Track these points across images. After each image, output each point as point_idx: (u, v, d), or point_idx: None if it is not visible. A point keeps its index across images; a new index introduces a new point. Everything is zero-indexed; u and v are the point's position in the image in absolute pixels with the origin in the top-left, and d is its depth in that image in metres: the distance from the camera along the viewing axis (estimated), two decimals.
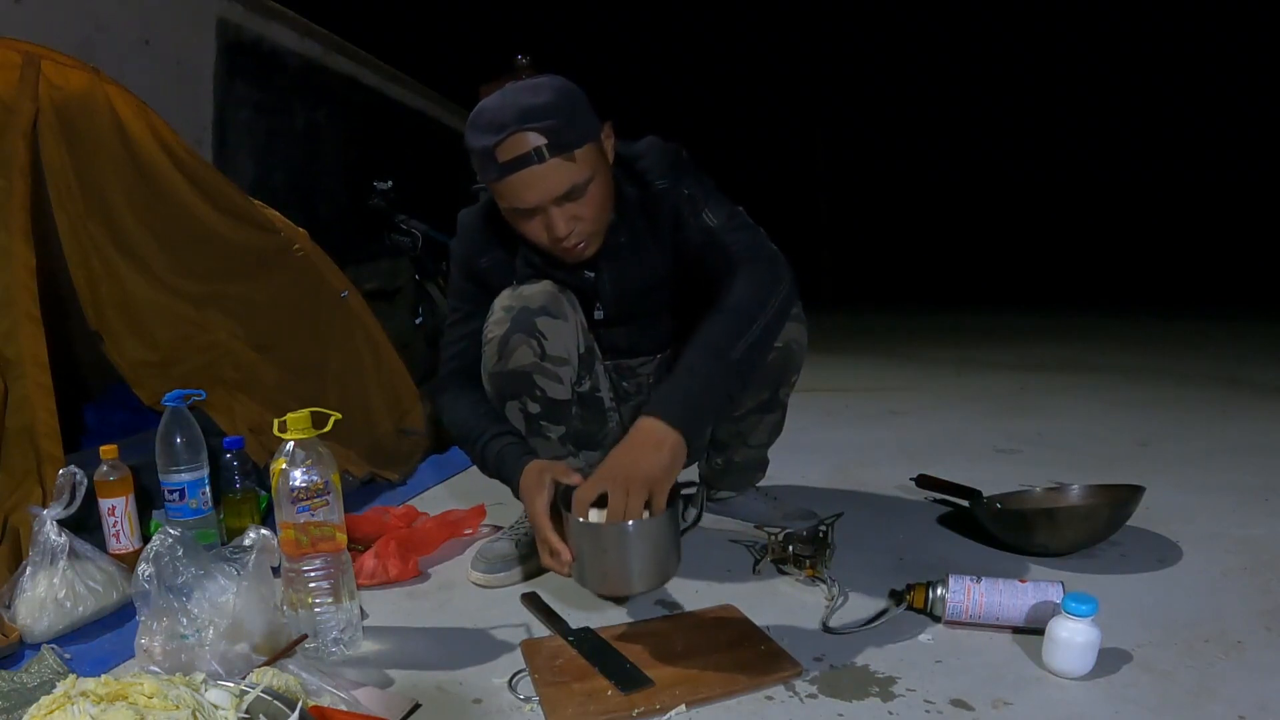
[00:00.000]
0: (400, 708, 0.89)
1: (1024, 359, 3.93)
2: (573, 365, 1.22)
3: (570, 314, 1.21)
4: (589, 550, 0.96)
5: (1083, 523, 1.28)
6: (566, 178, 1.03)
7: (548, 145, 1.00)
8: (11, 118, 1.28)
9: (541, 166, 1.01)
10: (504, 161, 1.01)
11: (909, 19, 10.42)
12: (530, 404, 1.21)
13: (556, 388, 1.20)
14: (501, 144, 1.00)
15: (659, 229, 1.19)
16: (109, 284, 1.45)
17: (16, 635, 1.06)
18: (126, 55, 2.98)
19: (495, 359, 1.18)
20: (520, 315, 1.16)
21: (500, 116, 1.00)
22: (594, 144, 1.06)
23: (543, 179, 1.02)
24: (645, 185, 1.17)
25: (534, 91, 1.02)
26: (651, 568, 0.95)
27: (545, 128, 1.00)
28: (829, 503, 1.53)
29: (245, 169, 3.70)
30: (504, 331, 1.16)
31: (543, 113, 1.00)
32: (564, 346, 1.19)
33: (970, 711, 0.86)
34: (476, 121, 1.03)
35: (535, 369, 1.18)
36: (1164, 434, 2.17)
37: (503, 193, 1.05)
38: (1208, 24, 8.86)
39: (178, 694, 0.64)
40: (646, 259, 1.21)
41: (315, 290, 1.89)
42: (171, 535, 0.92)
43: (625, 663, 0.96)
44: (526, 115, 1.00)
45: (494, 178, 1.03)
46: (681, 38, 11.39)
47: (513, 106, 1.00)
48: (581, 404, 1.29)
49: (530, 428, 1.23)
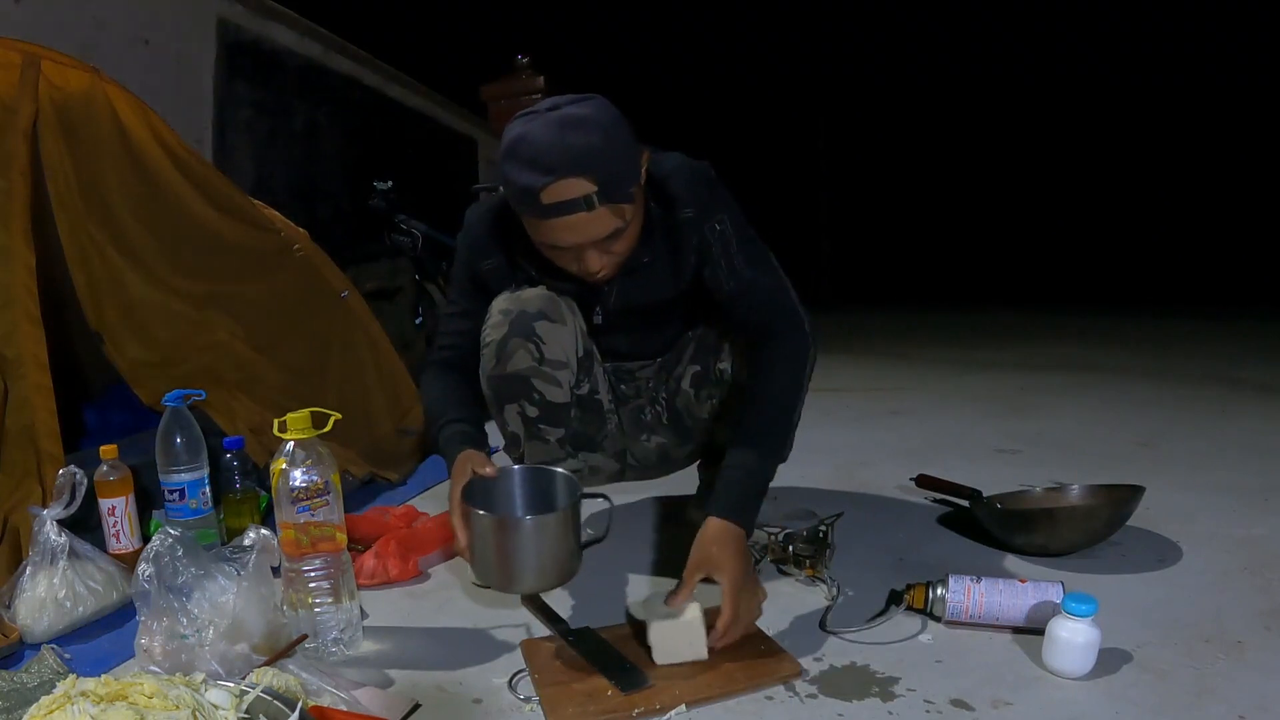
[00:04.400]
0: (400, 708, 0.89)
1: (1024, 359, 3.93)
2: (571, 369, 1.22)
3: (569, 318, 1.20)
4: (479, 542, 0.96)
5: (1083, 523, 1.28)
6: (609, 224, 1.01)
7: (598, 193, 0.96)
8: (11, 118, 1.27)
9: (589, 214, 0.98)
10: (548, 204, 0.97)
11: (915, 10, 10.41)
12: (529, 407, 1.20)
13: (555, 391, 1.20)
14: (549, 187, 0.95)
15: (678, 254, 1.17)
16: (109, 284, 1.45)
17: (16, 635, 1.06)
18: (126, 55, 2.98)
19: (493, 362, 1.18)
20: (519, 319, 1.15)
21: (548, 157, 0.95)
22: (637, 186, 1.03)
23: (588, 225, 0.99)
24: (671, 209, 1.14)
25: (584, 129, 0.96)
26: (541, 569, 0.95)
27: (597, 176, 0.96)
28: (829, 503, 1.53)
29: (245, 169, 3.70)
30: (502, 335, 1.16)
31: (597, 159, 0.95)
32: (562, 350, 1.19)
33: (970, 711, 0.86)
34: (519, 154, 0.97)
35: (533, 373, 1.17)
36: (1164, 434, 2.17)
37: (540, 230, 1.02)
38: (1206, 24, 8.86)
39: (178, 694, 0.64)
40: (658, 279, 1.19)
41: (315, 290, 1.89)
42: (171, 535, 0.92)
43: (625, 663, 0.96)
44: (578, 162, 0.95)
45: (533, 216, 1.00)
46: (681, 36, 11.39)
47: (562, 148, 0.95)
48: (580, 407, 1.28)
49: (529, 431, 1.23)
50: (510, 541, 0.95)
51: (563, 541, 0.96)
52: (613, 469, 1.40)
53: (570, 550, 0.97)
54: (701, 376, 1.30)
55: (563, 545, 0.96)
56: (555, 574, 0.97)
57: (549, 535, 0.95)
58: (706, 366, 1.29)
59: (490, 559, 0.96)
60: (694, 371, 1.30)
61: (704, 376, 1.29)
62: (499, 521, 0.96)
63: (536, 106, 1.01)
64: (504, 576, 0.97)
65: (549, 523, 0.95)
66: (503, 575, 0.96)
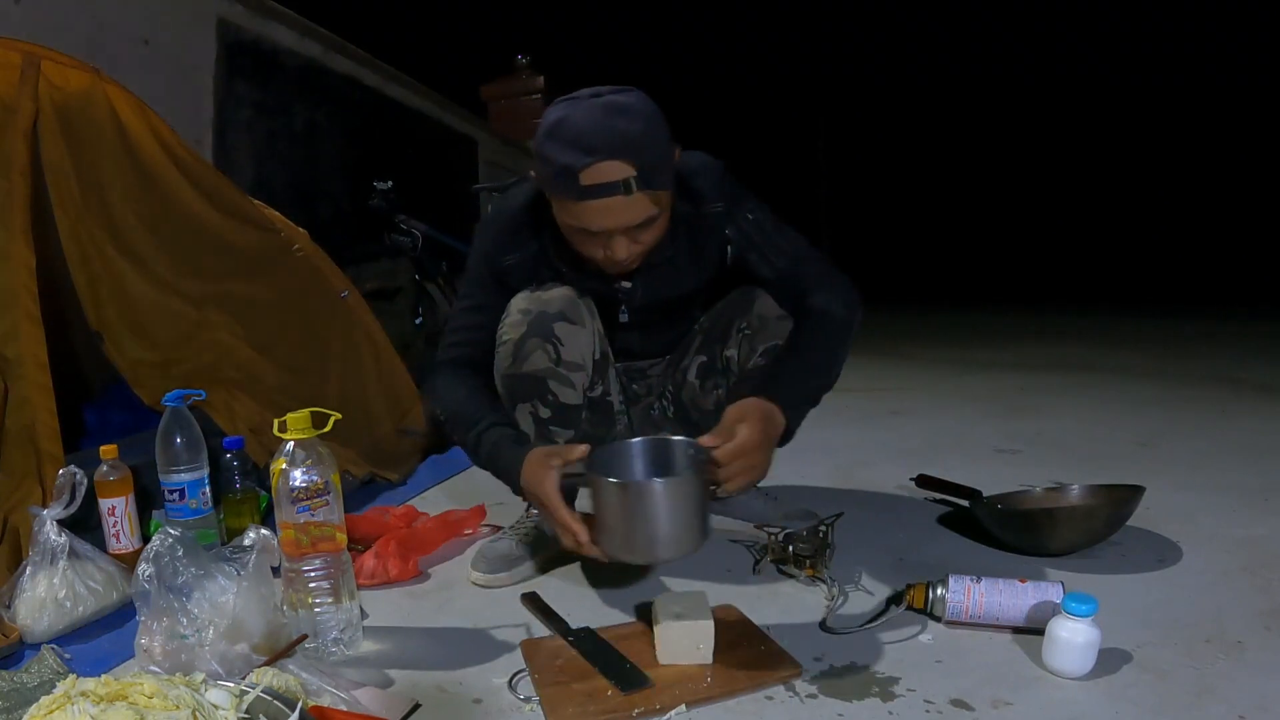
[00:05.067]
0: (400, 708, 0.88)
1: (1024, 359, 3.93)
2: (587, 371, 1.22)
3: (588, 320, 1.20)
4: (617, 513, 0.94)
5: (1083, 523, 1.28)
6: (644, 210, 1.02)
7: (637, 178, 0.98)
8: (11, 118, 1.28)
9: (627, 198, 0.99)
10: (588, 185, 0.98)
11: (915, 10, 10.41)
12: (541, 408, 1.20)
13: (569, 393, 1.20)
14: (590, 168, 0.97)
15: (702, 247, 1.19)
16: (109, 284, 1.45)
17: (16, 635, 1.06)
18: (126, 55, 2.98)
19: (510, 361, 1.17)
20: (538, 319, 1.15)
21: (591, 139, 0.97)
22: (670, 177, 1.05)
23: (624, 209, 1.01)
24: (697, 204, 1.18)
25: (628, 116, 0.99)
26: (681, 532, 0.94)
27: (638, 161, 0.98)
28: (829, 503, 1.53)
29: (245, 169, 3.70)
30: (520, 335, 1.16)
31: (638, 144, 0.98)
32: (580, 353, 1.19)
33: (970, 711, 0.86)
34: (560, 134, 0.99)
35: (550, 374, 1.17)
36: (1164, 434, 2.17)
37: (575, 212, 1.03)
38: (1206, 24, 8.86)
39: (178, 694, 0.64)
40: (683, 274, 1.21)
41: (315, 290, 1.89)
42: (171, 535, 0.92)
43: (625, 663, 0.96)
44: (622, 144, 0.97)
45: (569, 197, 1.01)
46: (681, 36, 11.39)
47: (606, 130, 0.97)
48: (591, 409, 1.28)
49: (539, 431, 1.23)
50: (648, 507, 0.93)
51: (698, 505, 0.95)
52: None
53: (704, 514, 0.96)
54: (708, 366, 1.30)
55: (698, 509, 0.95)
56: (690, 540, 0.96)
57: (691, 496, 0.94)
58: (713, 355, 1.30)
59: (627, 529, 0.94)
60: (700, 362, 1.31)
61: (710, 366, 1.30)
62: (639, 487, 0.95)
63: (577, 94, 1.02)
64: (645, 544, 0.95)
65: (683, 485, 0.94)
66: (644, 543, 0.95)
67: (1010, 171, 10.53)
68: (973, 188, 10.86)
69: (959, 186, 10.96)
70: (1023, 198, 10.55)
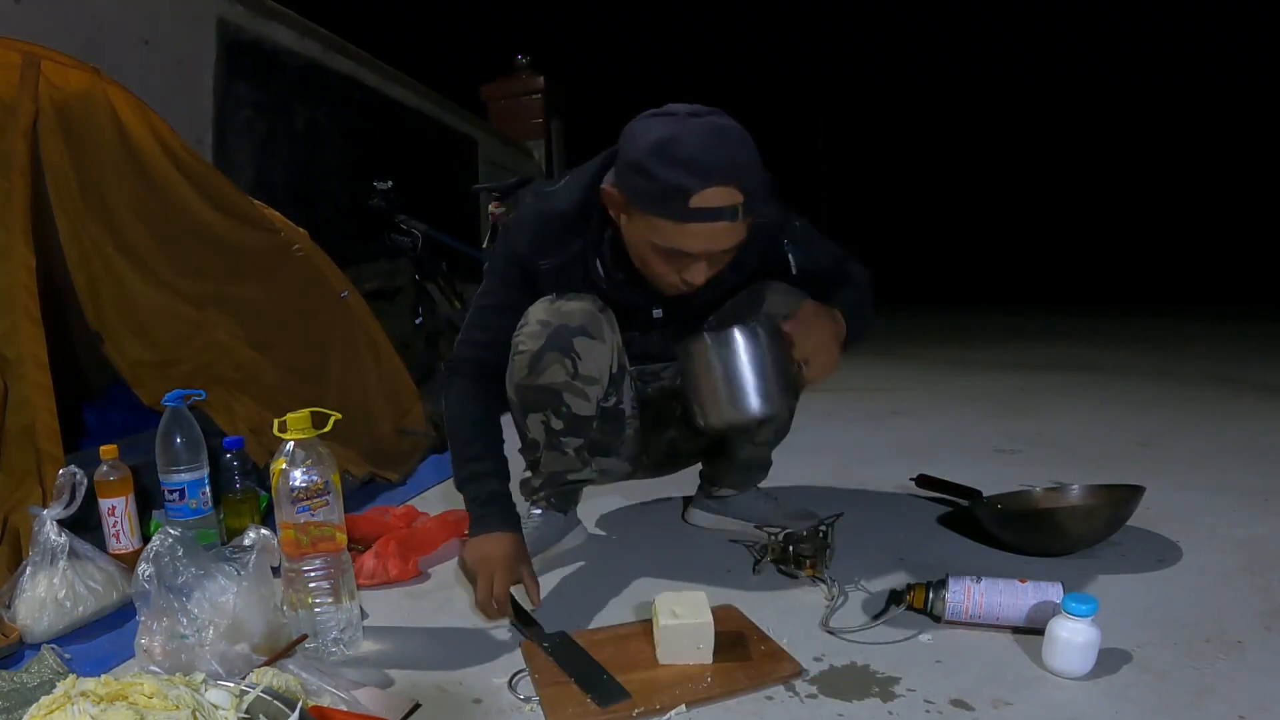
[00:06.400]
0: (400, 708, 0.89)
1: (1023, 359, 3.93)
2: (602, 385, 1.21)
3: (608, 335, 1.19)
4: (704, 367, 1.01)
5: (1083, 523, 1.28)
6: (739, 237, 1.03)
7: (744, 205, 0.99)
8: (11, 118, 1.28)
9: (731, 225, 1.00)
10: (697, 208, 0.97)
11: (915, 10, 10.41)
12: (554, 420, 1.20)
13: (583, 405, 1.20)
14: (705, 191, 0.96)
15: (743, 254, 1.16)
16: (109, 284, 1.45)
17: (16, 635, 1.06)
18: (126, 55, 2.98)
19: (526, 372, 1.16)
20: (557, 332, 1.14)
21: (706, 163, 0.96)
22: None
23: (725, 235, 1.01)
24: None
25: (738, 141, 1.00)
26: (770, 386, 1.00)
27: (745, 189, 0.99)
28: (829, 503, 1.53)
29: (245, 169, 3.70)
30: (539, 347, 1.14)
31: (748, 173, 0.99)
32: (597, 367, 1.18)
33: (970, 711, 0.86)
34: (674, 154, 0.97)
35: (566, 387, 1.17)
36: (1164, 434, 2.17)
37: (671, 233, 1.01)
38: (1206, 24, 8.86)
39: (178, 694, 0.64)
40: (722, 281, 1.19)
41: (315, 290, 1.89)
42: (171, 535, 0.92)
43: (603, 673, 0.93)
44: (736, 172, 0.98)
45: (672, 217, 0.99)
46: (681, 36, 11.39)
47: (724, 156, 0.97)
48: (603, 418, 1.27)
49: (550, 441, 1.23)
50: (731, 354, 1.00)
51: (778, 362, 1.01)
52: (624, 470, 1.41)
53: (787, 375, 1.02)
54: None
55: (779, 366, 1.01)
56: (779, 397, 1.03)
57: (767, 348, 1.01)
58: None
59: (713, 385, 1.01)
60: None
61: None
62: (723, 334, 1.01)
63: (670, 109, 1.02)
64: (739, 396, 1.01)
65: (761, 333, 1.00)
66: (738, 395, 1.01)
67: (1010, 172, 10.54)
68: (973, 188, 10.87)
69: (959, 187, 10.96)
70: (1023, 198, 10.55)
